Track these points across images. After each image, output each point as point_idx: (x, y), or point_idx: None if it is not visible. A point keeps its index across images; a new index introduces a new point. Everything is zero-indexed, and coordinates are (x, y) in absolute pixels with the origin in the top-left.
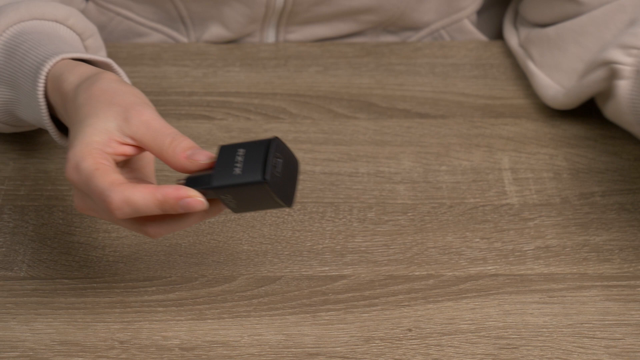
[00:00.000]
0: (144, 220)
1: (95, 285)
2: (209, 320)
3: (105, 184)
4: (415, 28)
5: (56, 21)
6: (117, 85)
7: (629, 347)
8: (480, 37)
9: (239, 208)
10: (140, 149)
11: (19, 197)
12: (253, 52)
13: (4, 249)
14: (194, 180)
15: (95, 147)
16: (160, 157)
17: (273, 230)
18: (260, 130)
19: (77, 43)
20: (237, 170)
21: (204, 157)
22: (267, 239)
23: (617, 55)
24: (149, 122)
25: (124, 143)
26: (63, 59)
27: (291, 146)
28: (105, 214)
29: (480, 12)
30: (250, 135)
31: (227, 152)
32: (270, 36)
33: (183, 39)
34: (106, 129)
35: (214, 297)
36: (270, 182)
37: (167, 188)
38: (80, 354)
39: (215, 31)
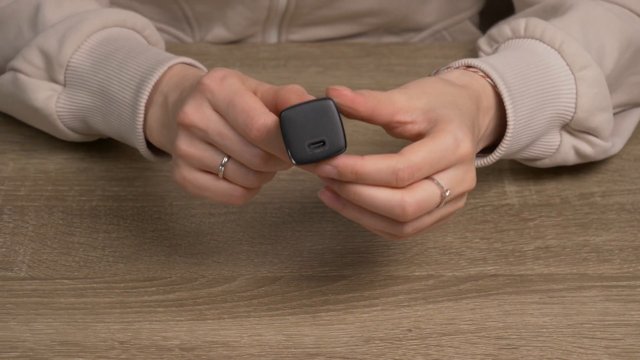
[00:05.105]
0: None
1: (95, 285)
2: (209, 321)
3: (257, 104)
4: (417, 29)
5: (134, 30)
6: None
7: (629, 347)
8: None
9: None
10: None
11: (19, 197)
12: (253, 52)
13: (4, 249)
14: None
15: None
16: None
17: (273, 231)
18: None
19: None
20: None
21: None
22: (267, 239)
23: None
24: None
25: None
26: (170, 67)
27: None
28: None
29: (482, 13)
30: None
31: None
32: (272, 38)
33: (188, 39)
34: None
35: (214, 298)
36: None
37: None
38: (80, 354)
39: (218, 32)
